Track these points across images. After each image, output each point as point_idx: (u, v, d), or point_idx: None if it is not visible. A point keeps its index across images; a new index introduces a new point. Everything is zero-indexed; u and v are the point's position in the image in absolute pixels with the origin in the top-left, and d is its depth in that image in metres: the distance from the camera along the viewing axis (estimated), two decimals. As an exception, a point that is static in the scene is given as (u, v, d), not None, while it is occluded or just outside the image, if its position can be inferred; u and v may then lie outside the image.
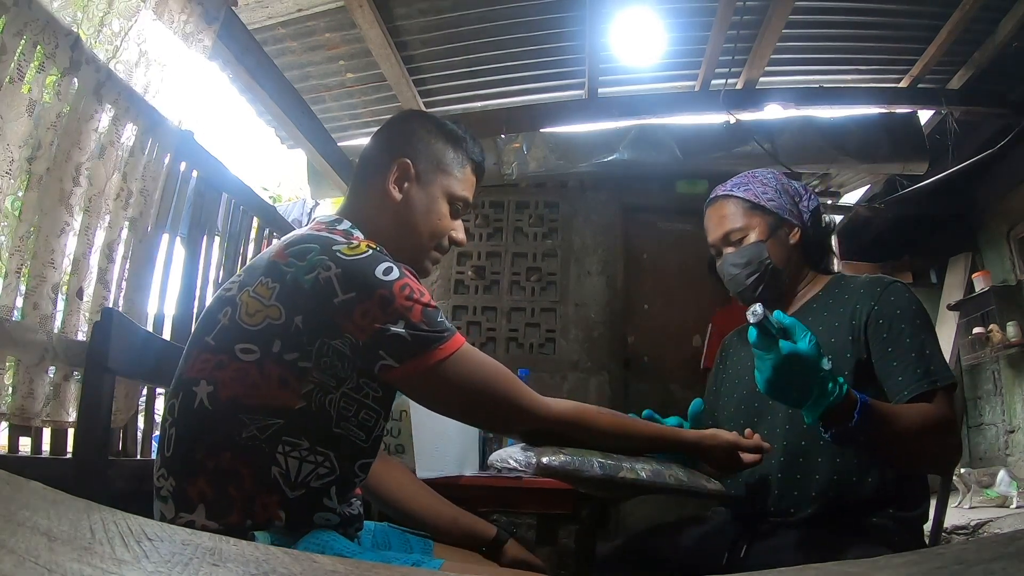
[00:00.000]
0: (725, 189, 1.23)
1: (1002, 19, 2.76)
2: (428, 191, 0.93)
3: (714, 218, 1.22)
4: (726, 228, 1.19)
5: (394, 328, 0.75)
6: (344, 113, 3.23)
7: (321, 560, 0.35)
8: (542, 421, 0.84)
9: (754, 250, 1.16)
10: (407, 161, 0.92)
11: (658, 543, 1.19)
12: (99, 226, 1.54)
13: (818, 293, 1.18)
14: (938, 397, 0.98)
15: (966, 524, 2.75)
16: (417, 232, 0.93)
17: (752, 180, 1.22)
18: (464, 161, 0.96)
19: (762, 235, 1.16)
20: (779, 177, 1.23)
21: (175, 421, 0.78)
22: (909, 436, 0.94)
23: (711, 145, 3.30)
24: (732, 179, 1.25)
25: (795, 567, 0.34)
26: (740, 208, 1.19)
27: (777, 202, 1.18)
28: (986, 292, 3.70)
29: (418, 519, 1.03)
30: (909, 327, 1.02)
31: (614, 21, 2.67)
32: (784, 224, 1.18)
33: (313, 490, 0.77)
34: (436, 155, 0.94)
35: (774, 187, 1.20)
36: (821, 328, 1.09)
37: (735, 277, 1.18)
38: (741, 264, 1.17)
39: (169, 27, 1.73)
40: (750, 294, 1.17)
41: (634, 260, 3.66)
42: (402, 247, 0.90)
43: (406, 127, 0.97)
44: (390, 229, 0.91)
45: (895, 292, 1.07)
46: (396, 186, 0.92)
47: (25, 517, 0.34)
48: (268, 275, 0.78)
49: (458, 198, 0.96)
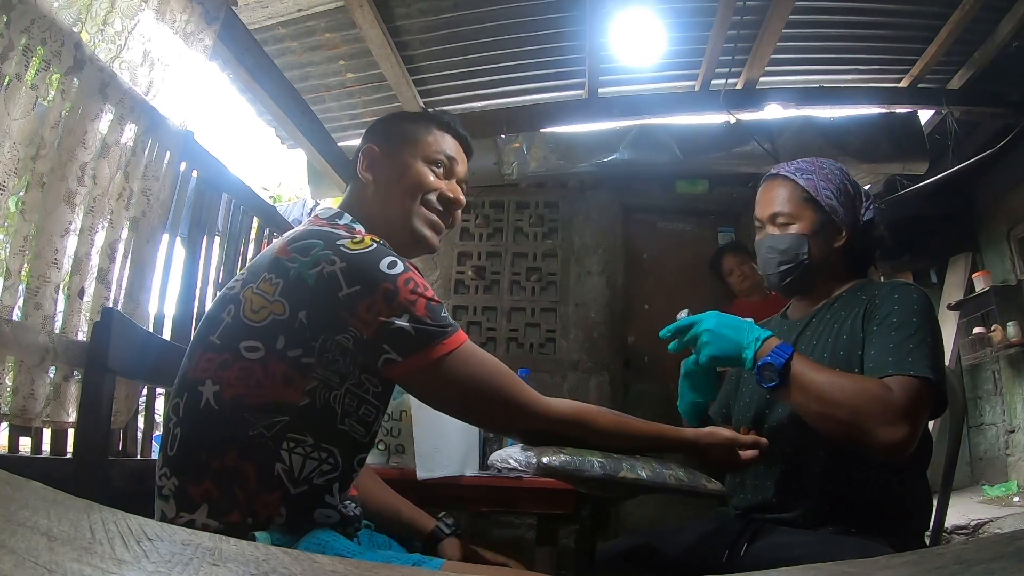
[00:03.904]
0: (788, 170, 1.19)
1: (1002, 19, 2.75)
2: (397, 161, 0.96)
3: (768, 194, 1.20)
4: (775, 209, 1.17)
5: (398, 322, 0.75)
6: (344, 113, 3.23)
7: (321, 560, 0.35)
8: (542, 420, 0.84)
9: (796, 241, 1.14)
10: (372, 146, 0.97)
11: (658, 543, 1.19)
12: (101, 226, 1.54)
13: (841, 293, 1.17)
14: (901, 381, 0.94)
15: (966, 524, 2.75)
16: (397, 199, 0.94)
17: (818, 171, 1.18)
18: (427, 124, 0.99)
19: (807, 228, 1.14)
20: (846, 175, 1.19)
21: (180, 421, 0.78)
22: (825, 398, 0.93)
23: (711, 145, 3.30)
24: (798, 161, 1.21)
25: (795, 567, 0.34)
26: (796, 194, 1.16)
27: (834, 201, 1.15)
28: (986, 292, 3.69)
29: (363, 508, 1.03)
30: (901, 317, 1.01)
31: (614, 21, 2.67)
32: (833, 225, 1.15)
33: (316, 486, 0.78)
34: (399, 132, 0.99)
35: (837, 185, 1.16)
36: (836, 326, 1.11)
37: (768, 260, 1.17)
38: (779, 250, 1.15)
39: (170, 27, 1.72)
40: (776, 281, 1.18)
41: (634, 260, 3.66)
42: (390, 222, 0.92)
43: (375, 124, 1.04)
44: (376, 210, 0.94)
45: (902, 290, 1.07)
46: (368, 172, 0.96)
47: (25, 517, 0.34)
48: (272, 271, 0.79)
49: (434, 157, 0.96)
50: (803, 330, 1.18)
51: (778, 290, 1.22)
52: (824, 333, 1.13)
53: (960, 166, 3.24)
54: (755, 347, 0.98)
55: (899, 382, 0.94)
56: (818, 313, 1.18)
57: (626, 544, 1.24)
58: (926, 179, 3.40)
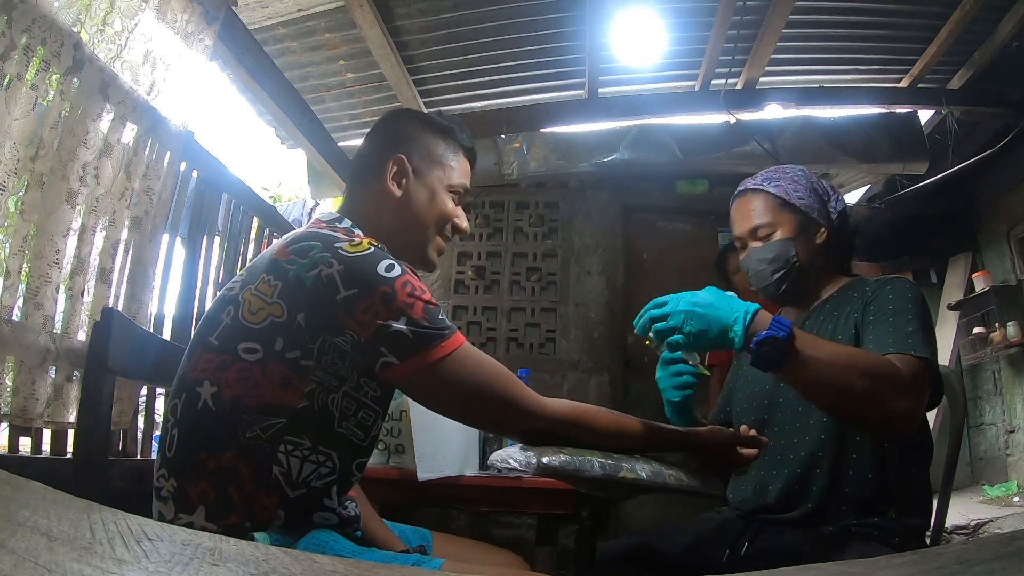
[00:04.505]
0: (755, 183, 1.21)
1: (1002, 19, 2.75)
2: (427, 183, 0.95)
3: (742, 211, 1.20)
4: (754, 223, 1.17)
5: (396, 325, 0.75)
6: (344, 113, 3.23)
7: (321, 560, 0.35)
8: (541, 421, 0.84)
9: (782, 247, 1.15)
10: (402, 157, 0.94)
11: (658, 543, 1.19)
12: (102, 225, 1.54)
13: (834, 293, 1.18)
14: (904, 358, 0.94)
15: (966, 524, 2.75)
16: (422, 224, 0.95)
17: (783, 176, 1.20)
18: (456, 149, 0.99)
19: (790, 233, 1.15)
20: (809, 175, 1.21)
21: (178, 421, 0.78)
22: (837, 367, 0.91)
23: (711, 145, 3.30)
24: (762, 173, 1.23)
25: (795, 567, 0.34)
26: (770, 204, 1.17)
27: (807, 201, 1.16)
28: (986, 292, 3.69)
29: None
30: (897, 306, 1.03)
31: (614, 21, 2.67)
32: (812, 224, 1.16)
33: (314, 490, 0.78)
34: (429, 148, 0.96)
35: (805, 185, 1.18)
36: (831, 327, 1.11)
37: (760, 272, 1.17)
38: (768, 260, 1.15)
39: (171, 27, 1.72)
40: (774, 290, 1.17)
41: (634, 260, 3.66)
42: (407, 241, 0.92)
43: (397, 125, 1.00)
44: (393, 225, 0.92)
45: (895, 283, 1.08)
46: (395, 183, 0.93)
47: (25, 517, 0.34)
48: (270, 273, 0.79)
49: (457, 187, 0.98)
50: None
51: (775, 299, 1.21)
52: (819, 334, 1.11)
53: (960, 166, 3.24)
54: (744, 321, 0.92)
55: (902, 359, 0.94)
56: (811, 315, 1.18)
57: (626, 544, 1.24)
58: (926, 179, 3.40)
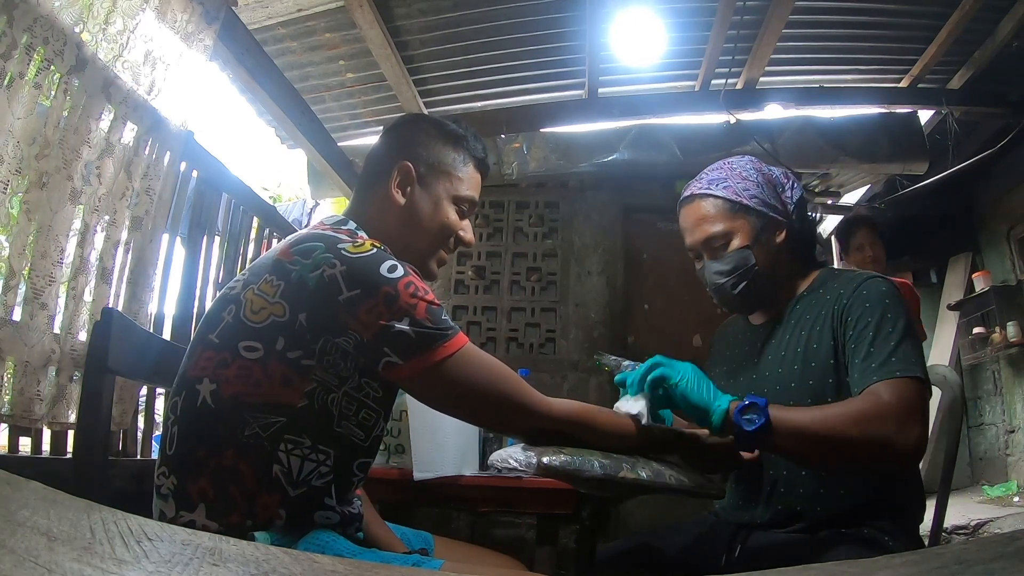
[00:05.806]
0: (702, 187, 1.11)
1: (1002, 19, 2.76)
2: (431, 194, 0.93)
3: (691, 219, 1.11)
4: (707, 232, 1.08)
5: (399, 325, 0.75)
6: (344, 113, 3.23)
7: (321, 560, 0.35)
8: (544, 420, 0.84)
9: (739, 257, 1.07)
10: (408, 164, 0.93)
11: (658, 543, 1.19)
12: (104, 225, 1.54)
13: (804, 292, 1.12)
14: (891, 385, 0.90)
15: (966, 524, 2.75)
16: (422, 235, 0.93)
17: (731, 174, 1.10)
18: (466, 160, 0.96)
19: (747, 239, 1.07)
20: (758, 166, 1.12)
21: (178, 419, 0.78)
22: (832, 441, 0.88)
23: (711, 145, 3.29)
24: (706, 172, 1.12)
25: (794, 567, 0.34)
26: (721, 209, 1.08)
27: (761, 198, 1.08)
28: (986, 292, 3.70)
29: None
30: (875, 319, 0.96)
31: (614, 21, 2.67)
32: (770, 223, 1.08)
33: (314, 488, 0.78)
34: (437, 157, 0.94)
35: (755, 180, 1.09)
36: (805, 334, 1.06)
37: (720, 287, 1.10)
38: (726, 272, 1.08)
39: (171, 27, 1.73)
40: (737, 303, 1.11)
41: (634, 260, 3.65)
42: (408, 249, 0.91)
43: (407, 130, 0.98)
44: (396, 232, 0.92)
45: (868, 286, 1.01)
46: (399, 190, 0.93)
47: (25, 517, 0.34)
48: (273, 273, 0.79)
49: (463, 199, 0.96)
50: (768, 338, 1.12)
51: (741, 309, 1.16)
52: (791, 341, 1.07)
53: (960, 166, 3.24)
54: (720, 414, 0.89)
55: (889, 387, 0.90)
56: (784, 318, 1.12)
57: (626, 544, 1.24)
58: (926, 179, 3.40)
